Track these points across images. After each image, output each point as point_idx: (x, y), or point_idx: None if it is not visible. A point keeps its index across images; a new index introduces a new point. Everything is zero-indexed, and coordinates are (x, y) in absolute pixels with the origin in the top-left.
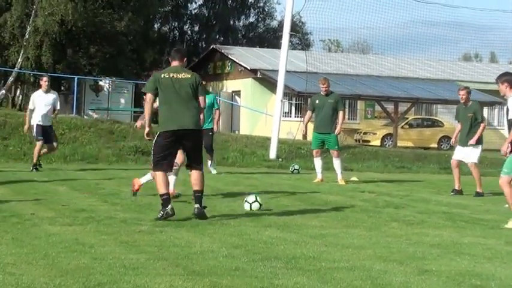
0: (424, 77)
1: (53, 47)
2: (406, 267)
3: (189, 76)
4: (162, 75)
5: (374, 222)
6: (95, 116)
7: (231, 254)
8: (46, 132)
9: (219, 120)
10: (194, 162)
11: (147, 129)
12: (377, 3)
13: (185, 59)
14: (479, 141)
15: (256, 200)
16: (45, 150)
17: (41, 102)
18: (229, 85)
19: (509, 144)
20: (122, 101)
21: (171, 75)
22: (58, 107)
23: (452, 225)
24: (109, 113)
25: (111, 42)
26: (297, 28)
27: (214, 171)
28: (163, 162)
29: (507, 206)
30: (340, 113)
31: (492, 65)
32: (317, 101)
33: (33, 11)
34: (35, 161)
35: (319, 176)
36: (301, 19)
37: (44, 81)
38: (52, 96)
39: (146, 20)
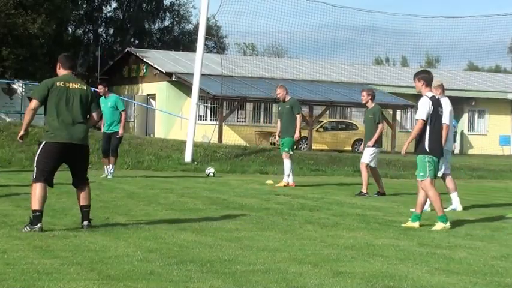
0: (338, 81)
1: None
2: (320, 269)
3: (84, 88)
4: (57, 84)
5: (289, 225)
6: (8, 119)
7: (146, 258)
8: None
9: (124, 123)
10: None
11: (22, 132)
12: (292, 8)
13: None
14: (377, 143)
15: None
16: None
17: None
18: (145, 88)
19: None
20: None
21: (66, 85)
22: None
23: (366, 227)
24: (22, 117)
25: (24, 45)
26: (212, 32)
27: (110, 176)
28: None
29: (413, 209)
30: (297, 117)
31: (404, 68)
32: (279, 108)
33: None
34: None
35: (284, 180)
36: (216, 23)
37: None
38: None
39: (60, 23)
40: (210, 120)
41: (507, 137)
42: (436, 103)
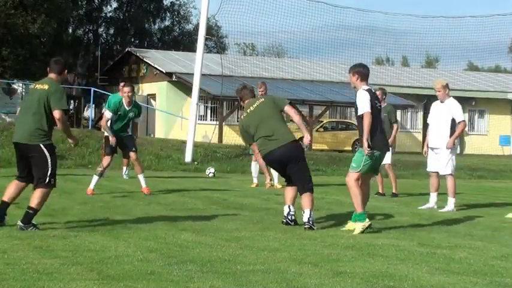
0: (338, 81)
1: None
2: (320, 269)
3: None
4: None
5: (289, 225)
6: (8, 119)
7: (146, 258)
8: None
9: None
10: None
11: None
12: (292, 8)
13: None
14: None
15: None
16: None
17: None
18: (145, 88)
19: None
20: None
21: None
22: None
23: None
24: None
25: (24, 45)
26: (213, 31)
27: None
28: None
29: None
30: None
31: (405, 68)
32: None
33: None
34: None
35: (255, 181)
36: (216, 23)
37: None
38: None
39: (60, 23)
40: (210, 120)
41: (507, 137)
42: (373, 97)
